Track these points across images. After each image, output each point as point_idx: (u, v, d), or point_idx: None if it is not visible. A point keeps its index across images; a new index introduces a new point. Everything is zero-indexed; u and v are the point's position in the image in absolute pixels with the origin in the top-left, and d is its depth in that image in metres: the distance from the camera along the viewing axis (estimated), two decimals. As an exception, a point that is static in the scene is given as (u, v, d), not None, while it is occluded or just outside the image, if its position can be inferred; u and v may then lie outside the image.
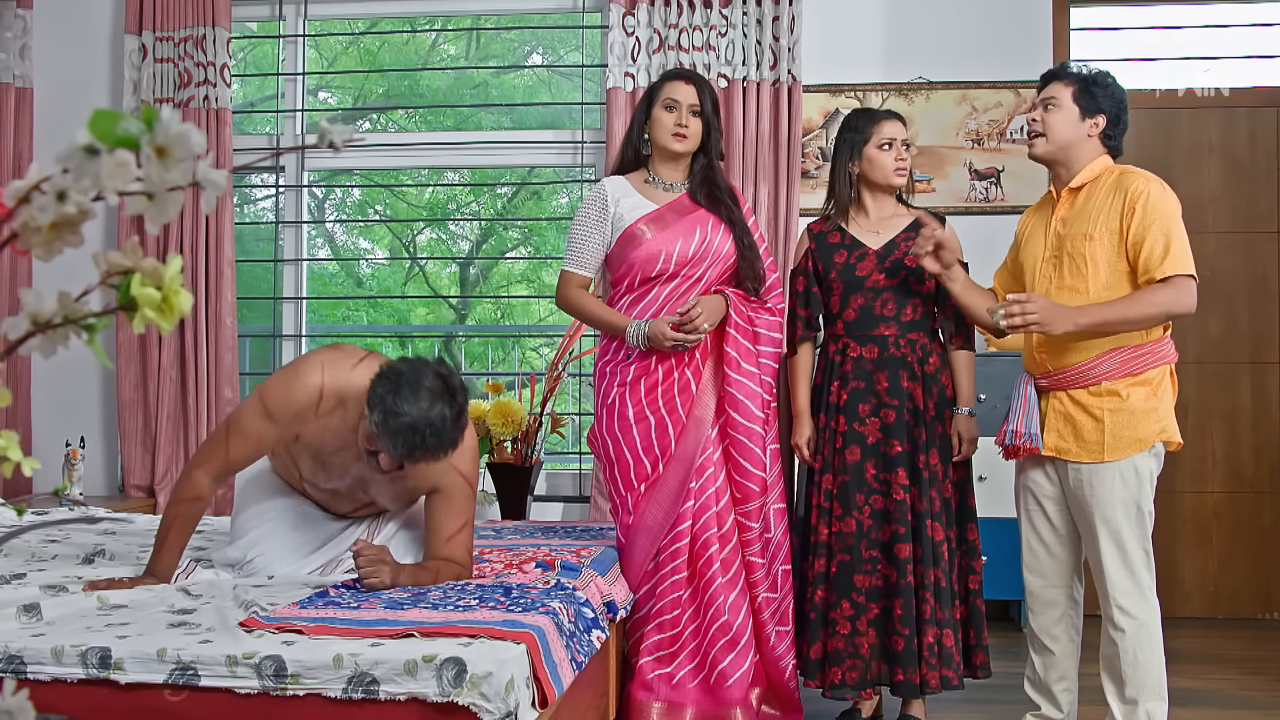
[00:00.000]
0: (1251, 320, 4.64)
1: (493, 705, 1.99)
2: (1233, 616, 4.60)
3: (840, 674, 3.00)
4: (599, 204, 3.11)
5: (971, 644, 3.07)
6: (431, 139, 5.22)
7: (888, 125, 3.10)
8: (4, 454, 0.89)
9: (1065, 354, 2.80)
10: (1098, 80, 2.83)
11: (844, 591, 3.01)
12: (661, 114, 3.08)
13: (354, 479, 2.74)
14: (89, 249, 0.87)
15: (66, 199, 0.82)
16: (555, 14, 4.90)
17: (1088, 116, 2.82)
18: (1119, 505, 2.75)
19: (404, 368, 2.45)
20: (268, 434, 2.65)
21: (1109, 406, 2.76)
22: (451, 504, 2.69)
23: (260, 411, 2.64)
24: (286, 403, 2.63)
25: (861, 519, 3.03)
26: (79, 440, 4.57)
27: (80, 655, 2.11)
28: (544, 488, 4.72)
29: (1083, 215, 2.80)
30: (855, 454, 3.05)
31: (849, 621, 3.01)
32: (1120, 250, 2.75)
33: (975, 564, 3.10)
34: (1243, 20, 4.75)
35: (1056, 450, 2.83)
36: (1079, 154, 2.84)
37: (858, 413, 3.06)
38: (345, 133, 0.89)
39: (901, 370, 3.05)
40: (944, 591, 2.99)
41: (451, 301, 7.82)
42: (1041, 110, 2.86)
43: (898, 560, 2.99)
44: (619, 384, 3.09)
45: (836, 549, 3.04)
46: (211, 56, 4.63)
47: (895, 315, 3.07)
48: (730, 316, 3.05)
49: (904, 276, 3.07)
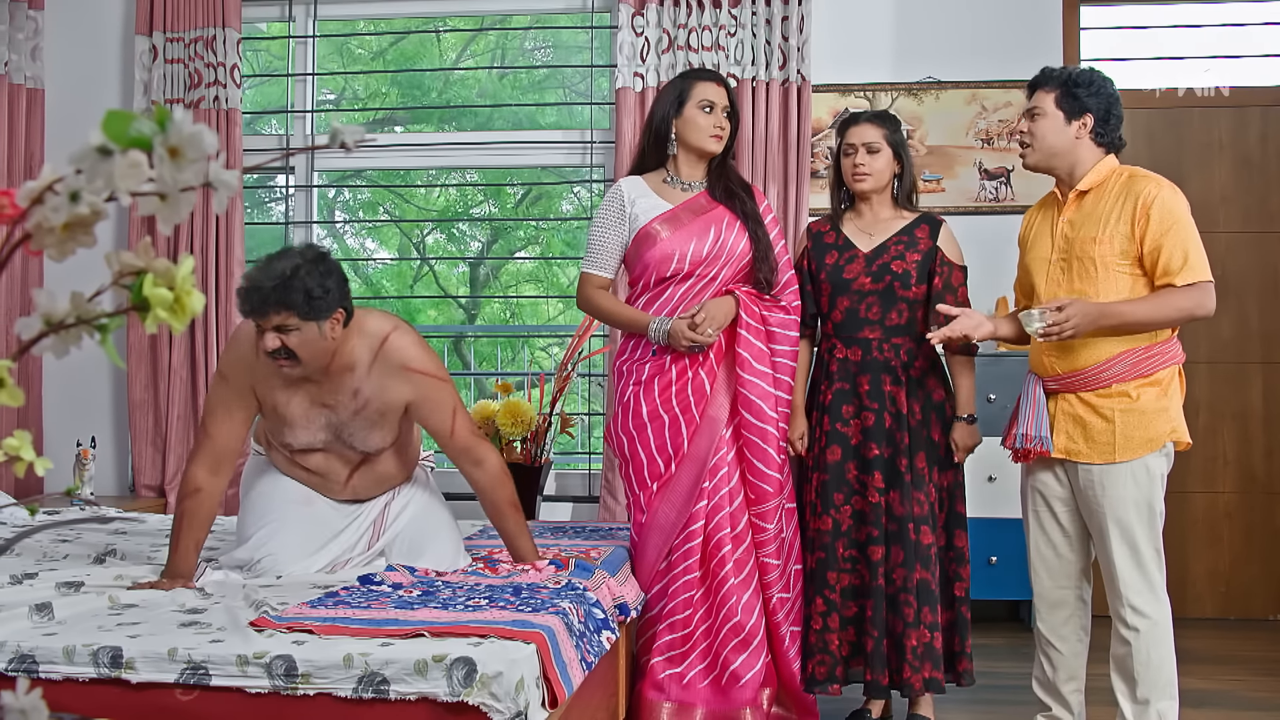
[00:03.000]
0: (1263, 320, 4.62)
1: (503, 705, 1.99)
2: (1244, 617, 4.58)
3: (810, 667, 3.05)
4: (616, 205, 3.11)
5: (955, 650, 3.07)
6: (441, 139, 5.23)
7: (853, 130, 3.11)
8: (16, 454, 0.89)
9: (1075, 357, 2.79)
10: (1079, 80, 2.81)
11: (818, 588, 3.05)
12: (698, 115, 3.07)
13: (323, 424, 2.78)
14: (101, 249, 0.87)
15: (79, 200, 0.82)
16: (564, 14, 4.90)
17: (1073, 119, 2.80)
18: (1131, 505, 2.75)
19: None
20: (230, 395, 2.73)
21: (1120, 407, 2.76)
22: (429, 401, 2.79)
23: (218, 379, 2.77)
24: (231, 355, 2.75)
25: (839, 518, 3.05)
26: (90, 440, 4.59)
27: (92, 654, 2.12)
28: (553, 488, 4.72)
29: (1091, 219, 2.79)
30: (836, 454, 3.07)
31: (820, 618, 3.04)
32: (1130, 254, 2.74)
33: (962, 570, 3.08)
34: (1255, 19, 4.73)
35: (1066, 452, 2.82)
36: (1076, 158, 2.83)
37: (841, 414, 3.08)
38: (357, 133, 0.89)
39: (884, 374, 3.05)
40: (932, 594, 3.00)
41: (461, 301, 7.82)
42: (1028, 121, 2.86)
43: (870, 562, 3.01)
44: (634, 382, 3.10)
45: (815, 546, 3.07)
46: (221, 57, 4.64)
47: (880, 319, 3.07)
48: (741, 317, 3.04)
49: (889, 281, 3.06)
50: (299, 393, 2.74)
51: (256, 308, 2.53)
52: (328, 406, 2.76)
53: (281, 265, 2.53)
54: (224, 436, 2.73)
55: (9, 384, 0.85)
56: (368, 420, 2.78)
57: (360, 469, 2.88)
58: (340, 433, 2.79)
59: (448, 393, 2.82)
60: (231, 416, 2.74)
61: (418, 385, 2.77)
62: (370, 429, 2.80)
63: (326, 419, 2.77)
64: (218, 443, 2.72)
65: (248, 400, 2.74)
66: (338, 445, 2.82)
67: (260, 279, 2.52)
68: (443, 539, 2.92)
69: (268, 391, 2.74)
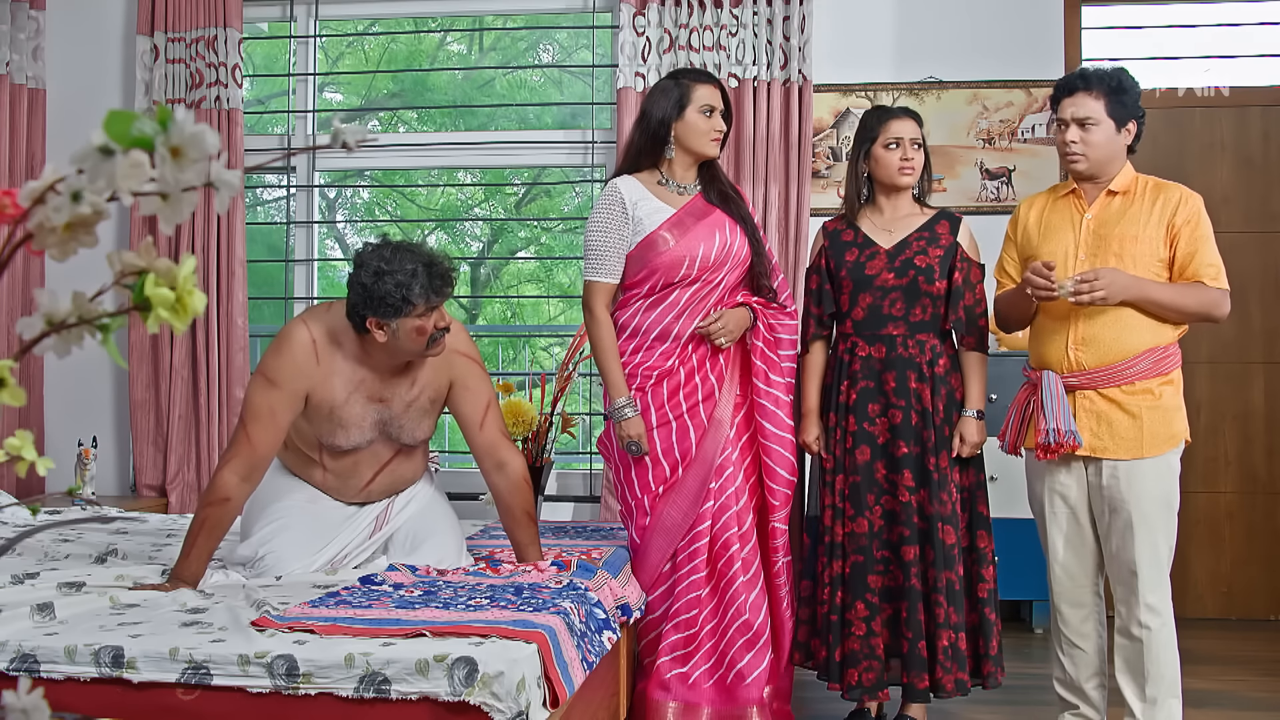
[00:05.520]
0: (1265, 320, 4.61)
1: (504, 705, 1.99)
2: (1246, 618, 4.58)
3: (857, 675, 2.99)
4: (617, 208, 3.06)
5: (980, 653, 3.03)
6: (442, 139, 5.23)
7: (895, 124, 3.07)
8: (18, 453, 0.89)
9: (1105, 352, 2.80)
10: (1123, 85, 2.81)
11: (858, 593, 3.00)
12: (699, 119, 3.06)
13: (374, 422, 2.79)
14: (102, 249, 0.87)
15: (81, 199, 0.82)
16: (565, 14, 4.90)
17: (1122, 126, 2.83)
18: (1155, 501, 2.78)
19: (364, 254, 2.64)
20: (278, 402, 2.68)
21: (1146, 404, 2.78)
22: (467, 389, 2.85)
23: (264, 384, 2.69)
24: (285, 362, 2.70)
25: (873, 519, 3.01)
26: (91, 440, 4.59)
27: (93, 654, 2.12)
28: (554, 488, 4.72)
29: (1126, 218, 2.82)
30: (865, 454, 3.03)
31: (864, 623, 2.99)
32: (1162, 254, 2.79)
33: (985, 571, 3.04)
34: (1254, 19, 4.72)
35: (1092, 449, 2.82)
36: (1117, 163, 2.87)
37: (867, 412, 3.04)
38: (359, 133, 0.89)
39: (909, 371, 3.03)
40: (957, 595, 2.97)
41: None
42: (1079, 130, 2.82)
43: (903, 562, 2.98)
44: (637, 388, 3.08)
45: (850, 550, 3.02)
46: (223, 57, 4.64)
47: (904, 315, 3.05)
48: (758, 329, 3.09)
49: (913, 276, 3.04)
50: (359, 391, 2.75)
51: (447, 286, 2.66)
52: (384, 402, 2.78)
53: (422, 252, 2.63)
54: (265, 444, 2.67)
55: (11, 384, 0.85)
56: (420, 410, 2.83)
57: (386, 468, 2.89)
58: (388, 428, 2.82)
59: (486, 384, 2.89)
60: (276, 423, 2.68)
61: (461, 369, 2.83)
62: (421, 419, 2.85)
63: (378, 415, 2.79)
64: (258, 450, 2.67)
65: (296, 406, 2.71)
66: (380, 442, 2.83)
67: (438, 261, 2.63)
68: (445, 535, 2.93)
69: (327, 394, 2.72)
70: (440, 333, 2.68)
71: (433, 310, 2.64)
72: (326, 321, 2.75)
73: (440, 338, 2.69)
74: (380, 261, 2.58)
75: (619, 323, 3.12)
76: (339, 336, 2.73)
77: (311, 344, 2.70)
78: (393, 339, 2.64)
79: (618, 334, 3.11)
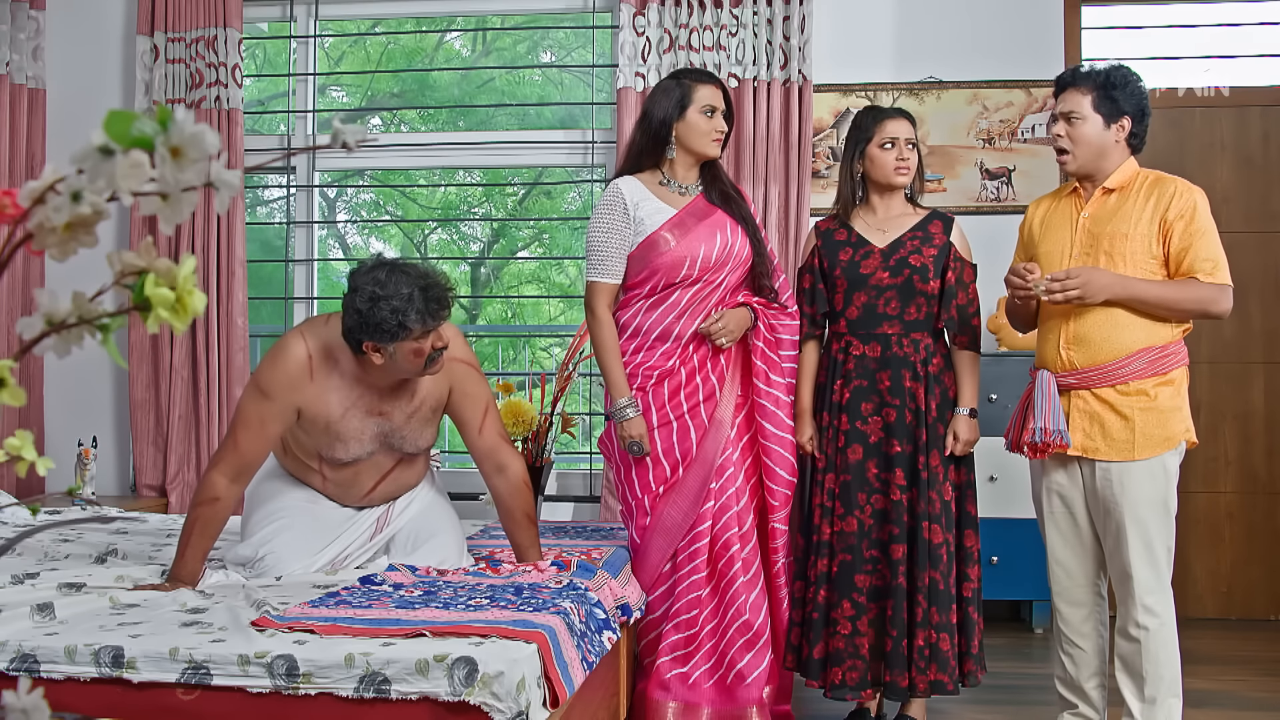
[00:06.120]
0: (1265, 320, 4.61)
1: (504, 705, 1.99)
2: (1246, 618, 4.58)
3: (841, 674, 2.99)
4: (619, 208, 3.07)
5: (962, 650, 3.04)
6: (443, 139, 5.23)
7: (890, 124, 3.07)
8: (18, 453, 0.89)
9: (1096, 352, 2.79)
10: (1115, 81, 2.78)
11: (845, 591, 3.00)
12: (700, 119, 3.06)
13: (375, 435, 2.77)
14: (102, 249, 0.87)
15: (81, 199, 0.82)
16: (565, 14, 4.90)
17: (1112, 122, 2.80)
18: (1148, 504, 2.75)
19: (358, 277, 2.59)
20: (269, 413, 2.67)
21: (1139, 406, 2.76)
22: (466, 394, 2.84)
23: (256, 394, 2.69)
24: (279, 376, 2.68)
25: (863, 518, 3.02)
26: (91, 440, 4.59)
27: (93, 654, 2.12)
28: (554, 488, 4.72)
29: (1119, 215, 2.80)
30: (857, 453, 3.04)
31: (850, 622, 3.00)
32: (1158, 254, 2.76)
33: (970, 570, 3.05)
34: (1254, 19, 4.72)
35: (1083, 450, 2.81)
36: (1111, 160, 2.83)
37: (860, 411, 3.04)
38: (359, 133, 0.89)
39: (905, 370, 3.03)
40: (941, 594, 2.97)
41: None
42: (1065, 125, 2.81)
43: (891, 561, 2.98)
44: (638, 387, 3.08)
45: (839, 548, 3.02)
46: (223, 57, 4.64)
47: (898, 315, 3.05)
48: (759, 329, 3.09)
49: (908, 275, 3.05)
50: (357, 406, 2.73)
51: (444, 309, 2.61)
52: (383, 415, 2.76)
53: (417, 273, 2.58)
54: (253, 452, 2.69)
55: (11, 384, 0.85)
56: (422, 420, 2.82)
57: (389, 476, 2.88)
58: (390, 439, 2.80)
59: (484, 388, 2.88)
60: (264, 433, 2.69)
61: (460, 375, 2.82)
62: (423, 429, 2.84)
63: (378, 428, 2.77)
64: (245, 457, 2.68)
65: (287, 419, 2.71)
66: (381, 453, 2.82)
67: (434, 283, 2.58)
68: (446, 535, 2.93)
69: (321, 410, 2.71)
70: (438, 352, 2.64)
71: (429, 333, 2.61)
72: (324, 336, 2.71)
73: (438, 357, 2.66)
74: (375, 286, 2.53)
75: (620, 323, 3.12)
76: (335, 353, 2.70)
77: (306, 360, 2.68)
78: (390, 361, 2.62)
79: (619, 334, 3.11)
